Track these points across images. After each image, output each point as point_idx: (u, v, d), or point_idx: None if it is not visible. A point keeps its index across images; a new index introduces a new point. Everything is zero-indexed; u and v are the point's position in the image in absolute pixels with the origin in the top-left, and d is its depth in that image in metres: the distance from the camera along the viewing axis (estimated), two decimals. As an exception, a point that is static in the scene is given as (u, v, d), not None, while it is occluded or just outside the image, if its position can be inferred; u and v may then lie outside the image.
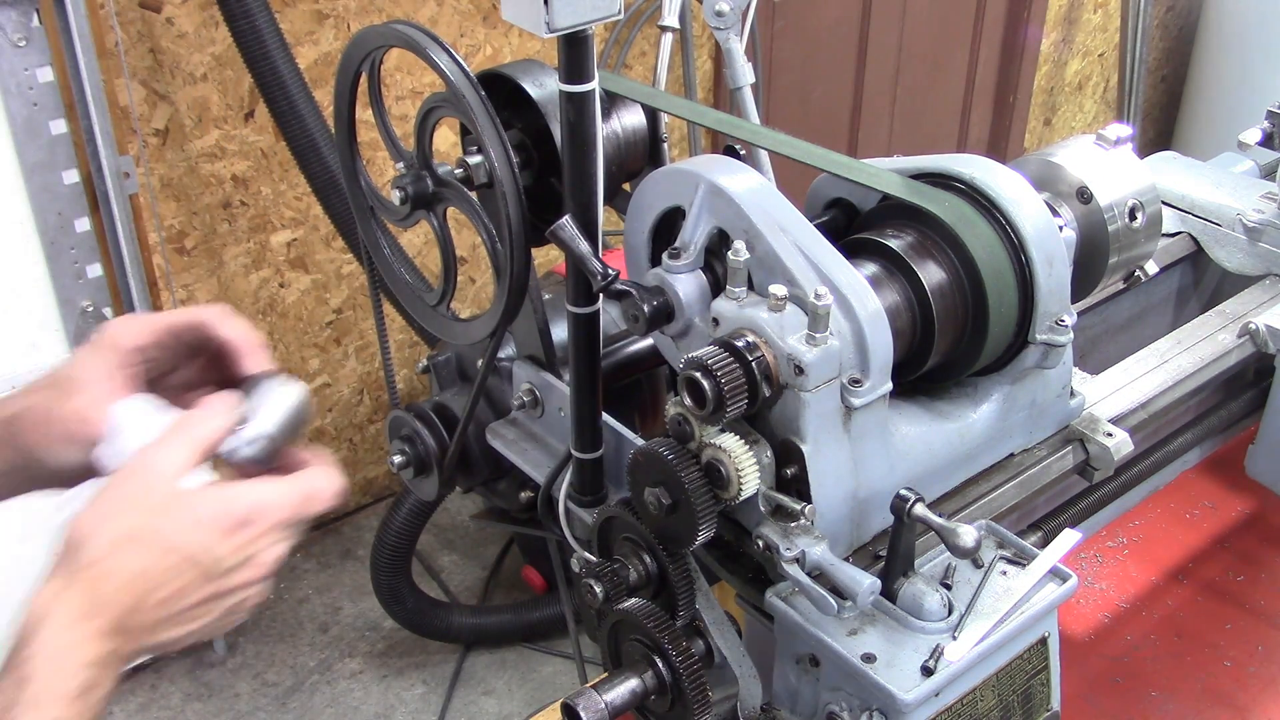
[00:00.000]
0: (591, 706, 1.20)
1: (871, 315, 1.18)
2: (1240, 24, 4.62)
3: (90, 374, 1.00)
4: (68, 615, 0.86)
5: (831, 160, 1.36)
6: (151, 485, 0.90)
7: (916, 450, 1.28)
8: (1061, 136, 4.96)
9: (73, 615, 0.86)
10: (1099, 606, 1.76)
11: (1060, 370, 1.37)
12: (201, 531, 0.89)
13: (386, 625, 3.22)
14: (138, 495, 0.90)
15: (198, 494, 0.91)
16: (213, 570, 0.90)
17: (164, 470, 0.91)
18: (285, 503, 0.94)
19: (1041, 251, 1.29)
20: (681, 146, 3.76)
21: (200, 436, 0.94)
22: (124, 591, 0.87)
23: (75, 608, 0.86)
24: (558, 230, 1.26)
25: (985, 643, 1.12)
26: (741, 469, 1.16)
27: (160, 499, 0.89)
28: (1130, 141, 1.48)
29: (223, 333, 1.04)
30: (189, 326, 1.04)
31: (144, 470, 0.91)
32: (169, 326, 1.04)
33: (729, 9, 2.27)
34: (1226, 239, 1.77)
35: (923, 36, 4.22)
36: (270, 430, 0.98)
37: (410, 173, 1.49)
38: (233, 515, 0.90)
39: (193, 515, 0.89)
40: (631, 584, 1.28)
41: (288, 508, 0.94)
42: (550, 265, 3.25)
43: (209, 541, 0.89)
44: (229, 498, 0.91)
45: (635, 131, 1.50)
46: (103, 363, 1.01)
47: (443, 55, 1.36)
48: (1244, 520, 1.90)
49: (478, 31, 3.26)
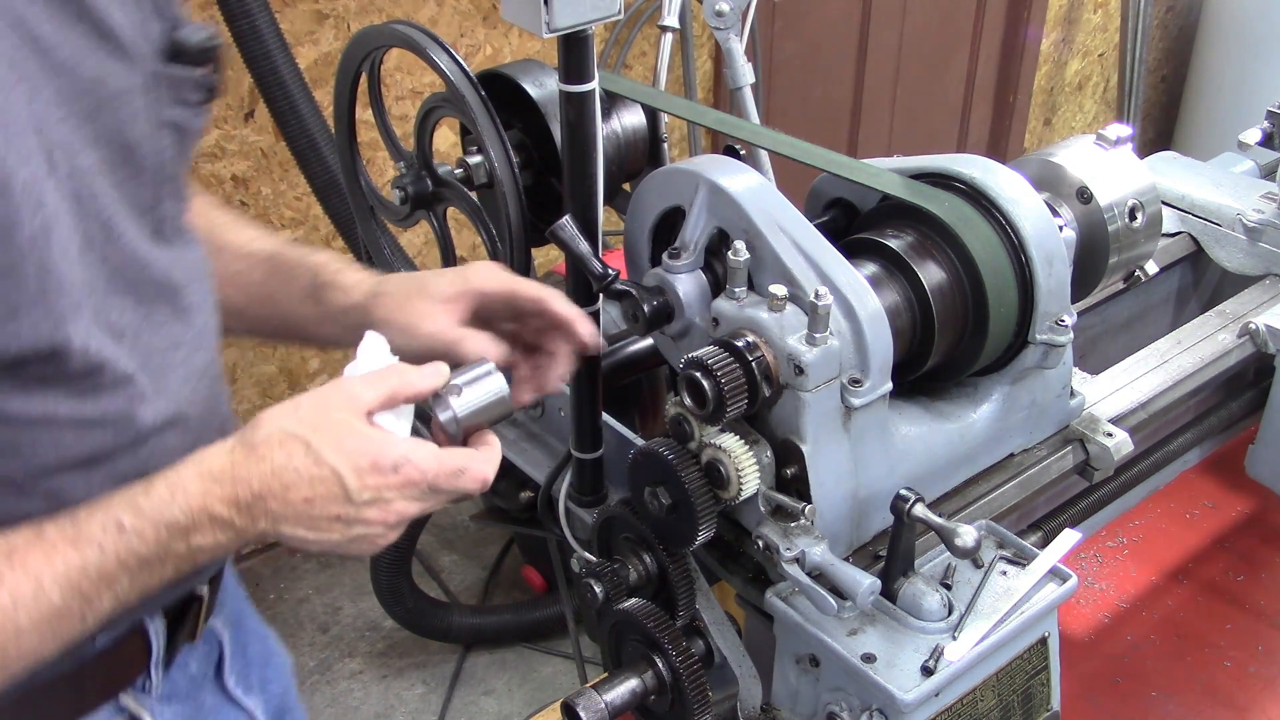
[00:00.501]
0: (591, 706, 1.20)
1: (871, 315, 1.18)
2: (1240, 24, 4.61)
3: (445, 292, 1.18)
4: (208, 471, 0.98)
5: (831, 160, 1.36)
6: (333, 404, 1.01)
7: (916, 450, 1.28)
8: (1061, 136, 4.96)
9: (212, 473, 0.97)
10: (1099, 606, 1.76)
11: (1060, 370, 1.37)
12: (351, 458, 0.98)
13: (386, 625, 3.22)
14: (318, 407, 1.00)
15: (365, 428, 1.00)
16: (348, 495, 0.98)
17: (350, 397, 1.01)
18: (431, 466, 1.01)
19: (1041, 251, 1.29)
20: (681, 146, 3.75)
21: (397, 385, 1.03)
22: (266, 478, 0.97)
23: (217, 468, 0.98)
24: (558, 230, 1.26)
25: (985, 643, 1.12)
26: (741, 469, 1.16)
27: (334, 418, 1.00)
28: (1130, 141, 1.48)
29: (557, 309, 1.19)
30: (534, 299, 1.19)
31: (336, 391, 1.02)
32: (519, 290, 1.18)
33: (729, 9, 2.27)
34: (1226, 239, 1.77)
35: (923, 36, 4.22)
36: (459, 412, 1.06)
37: (410, 173, 1.49)
38: (382, 457, 0.99)
39: (351, 442, 0.99)
40: (631, 584, 1.28)
41: (431, 472, 1.01)
42: (550, 265, 3.25)
43: (354, 468, 0.98)
44: (385, 441, 1.00)
45: (635, 131, 1.50)
46: (456, 290, 1.18)
47: (443, 55, 1.36)
48: (1244, 520, 1.90)
49: (478, 31, 3.26)
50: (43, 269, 0.90)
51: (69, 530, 0.94)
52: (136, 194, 1.02)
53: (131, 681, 1.17)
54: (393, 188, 1.50)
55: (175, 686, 1.23)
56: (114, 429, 1.01)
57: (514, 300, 1.20)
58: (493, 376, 1.09)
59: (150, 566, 0.97)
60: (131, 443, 1.03)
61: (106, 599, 0.96)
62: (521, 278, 1.19)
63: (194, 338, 1.10)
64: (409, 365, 1.07)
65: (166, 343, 1.06)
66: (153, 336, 1.04)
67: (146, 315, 1.03)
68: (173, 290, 1.07)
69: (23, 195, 0.87)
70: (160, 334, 1.05)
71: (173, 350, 1.07)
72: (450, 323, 1.18)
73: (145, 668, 1.17)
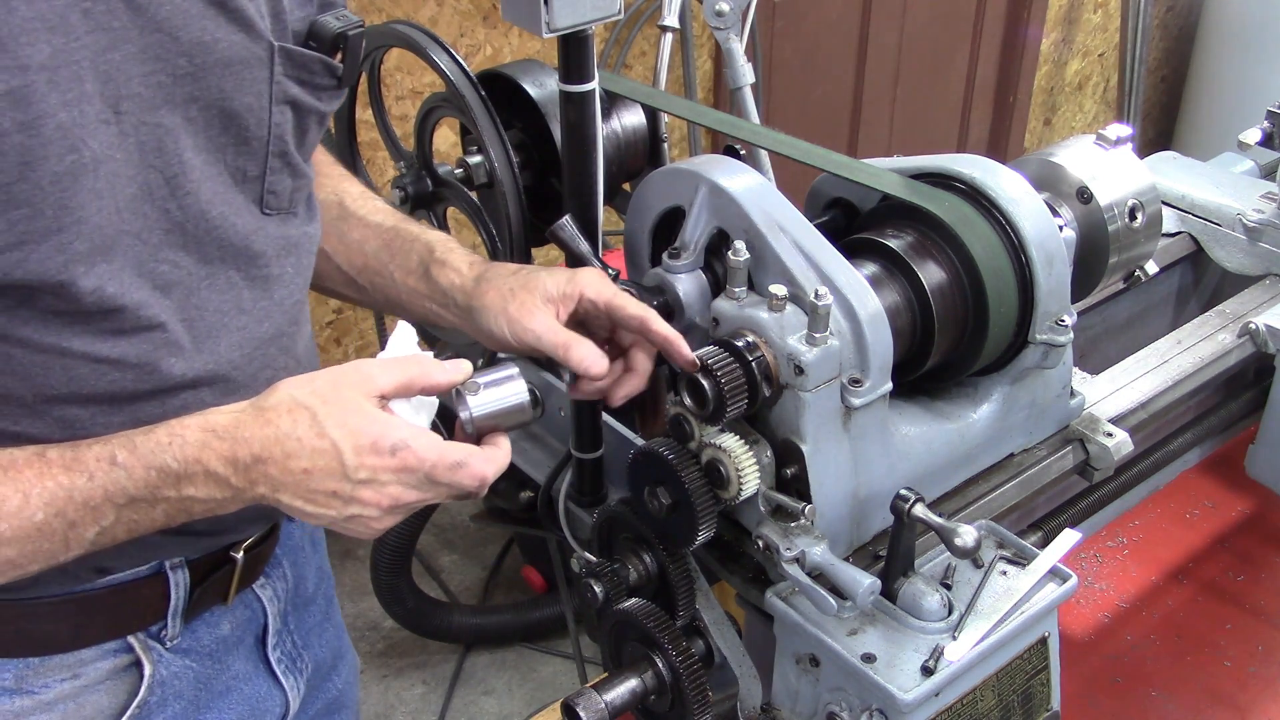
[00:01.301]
0: (591, 706, 1.20)
1: (871, 315, 1.18)
2: (1240, 24, 4.61)
3: (552, 292, 1.19)
4: (211, 425, 1.00)
5: (831, 160, 1.36)
6: (346, 382, 1.02)
7: (916, 450, 1.28)
8: (1061, 136, 4.96)
9: (215, 428, 1.00)
10: (1099, 606, 1.76)
11: (1060, 370, 1.37)
12: (353, 435, 1.00)
13: (386, 625, 3.22)
14: (332, 382, 1.02)
15: (372, 408, 1.02)
16: (345, 472, 1.00)
17: (365, 377, 1.03)
18: (429, 456, 1.02)
19: (1041, 251, 1.29)
20: (681, 146, 3.75)
21: (414, 374, 1.05)
22: (268, 442, 0.99)
23: (221, 424, 1.00)
24: (558, 230, 1.26)
25: (985, 643, 1.12)
26: (741, 469, 1.16)
27: (344, 394, 1.01)
28: (1130, 141, 1.48)
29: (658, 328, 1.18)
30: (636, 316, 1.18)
31: (353, 369, 1.04)
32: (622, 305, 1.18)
33: (729, 9, 2.27)
34: (1226, 239, 1.77)
35: (923, 36, 4.22)
36: (475, 413, 1.07)
37: (410, 173, 1.49)
38: (382, 438, 1.00)
39: (355, 419, 1.00)
40: (631, 584, 1.27)
41: (429, 461, 1.02)
42: (550, 265, 3.25)
43: (354, 446, 0.99)
44: (389, 424, 1.01)
45: (635, 131, 1.50)
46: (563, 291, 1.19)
47: (443, 55, 1.36)
48: (1244, 520, 1.90)
49: (478, 31, 3.26)
50: (62, 207, 0.92)
51: (68, 455, 0.97)
52: (238, 161, 1.06)
53: (146, 625, 1.19)
54: (393, 188, 1.50)
55: (198, 641, 1.24)
56: (134, 373, 1.03)
57: (615, 312, 1.19)
58: (515, 381, 1.09)
59: (137, 505, 0.99)
60: (155, 390, 1.05)
61: (90, 528, 0.98)
62: (623, 292, 1.20)
63: (266, 307, 1.13)
64: (430, 358, 1.08)
65: (228, 305, 1.09)
66: (210, 295, 1.07)
67: (209, 275, 1.06)
68: (250, 257, 1.09)
69: (54, 134, 0.90)
70: (222, 295, 1.08)
71: (234, 313, 1.09)
72: (555, 323, 1.18)
73: (164, 615, 1.19)
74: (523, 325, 1.17)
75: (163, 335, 1.04)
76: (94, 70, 0.92)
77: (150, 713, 1.21)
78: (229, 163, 1.06)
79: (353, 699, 1.54)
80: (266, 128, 1.06)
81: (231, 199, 1.07)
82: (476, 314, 1.21)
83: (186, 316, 1.05)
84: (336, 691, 1.48)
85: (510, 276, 1.23)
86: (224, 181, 1.05)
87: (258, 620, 1.32)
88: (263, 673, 1.33)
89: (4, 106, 0.87)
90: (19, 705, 1.13)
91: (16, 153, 0.89)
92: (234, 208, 1.07)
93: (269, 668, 1.34)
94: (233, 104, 1.03)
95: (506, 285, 1.21)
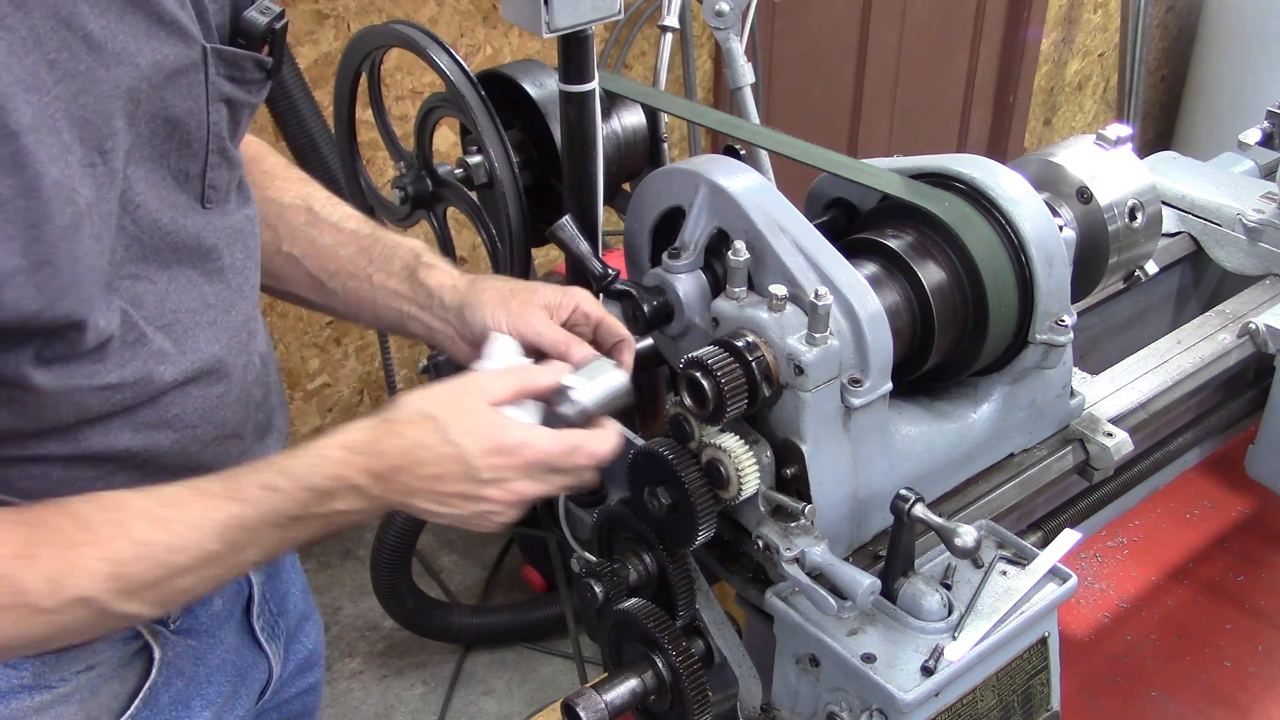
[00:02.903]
0: (591, 706, 1.20)
1: (871, 315, 1.18)
2: (1240, 24, 4.61)
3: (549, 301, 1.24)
4: (351, 442, 1.08)
5: (831, 160, 1.36)
6: (466, 392, 1.10)
7: (916, 450, 1.28)
8: (1061, 136, 4.96)
9: (353, 445, 1.08)
10: (1099, 606, 1.76)
11: (1060, 370, 1.37)
12: (475, 440, 1.07)
13: (386, 625, 3.22)
14: (452, 394, 1.10)
15: (491, 413, 1.09)
16: (471, 474, 1.08)
17: (481, 388, 1.11)
18: (549, 448, 1.09)
19: (1041, 251, 1.29)
20: (681, 146, 3.75)
21: (523, 381, 1.13)
22: (400, 453, 1.07)
23: (358, 441, 1.08)
24: (558, 230, 1.26)
25: (985, 643, 1.12)
26: (741, 469, 1.16)
27: (464, 404, 1.09)
28: (1130, 141, 1.48)
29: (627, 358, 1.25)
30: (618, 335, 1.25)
31: (470, 382, 1.12)
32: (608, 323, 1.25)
33: (729, 9, 2.27)
34: (1226, 239, 1.77)
35: (923, 36, 4.22)
36: (584, 403, 1.14)
37: (410, 173, 1.49)
38: (502, 440, 1.08)
39: (476, 426, 1.08)
40: (631, 584, 1.27)
41: (549, 452, 1.09)
42: (550, 265, 3.25)
43: (477, 450, 1.07)
44: (507, 425, 1.09)
45: (635, 131, 1.50)
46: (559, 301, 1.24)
47: (443, 55, 1.36)
48: (1244, 520, 1.90)
49: (478, 31, 3.26)
50: (73, 259, 0.95)
51: (227, 486, 1.06)
52: (180, 164, 1.08)
53: None
54: (393, 188, 1.50)
55: (196, 621, 1.29)
56: (133, 389, 1.07)
57: (602, 329, 1.26)
58: (613, 369, 1.16)
59: (295, 524, 1.07)
60: (151, 398, 1.09)
61: (253, 550, 1.07)
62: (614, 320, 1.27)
63: (228, 296, 1.16)
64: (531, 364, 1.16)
65: (195, 303, 1.12)
66: (178, 298, 1.10)
67: (171, 279, 1.09)
68: (203, 253, 1.12)
69: (53, 191, 0.92)
70: (187, 295, 1.11)
71: (202, 309, 1.13)
72: (555, 326, 1.23)
73: None
74: (524, 319, 1.22)
75: (149, 348, 1.07)
76: (68, 119, 0.93)
77: (158, 693, 1.25)
78: (172, 166, 1.07)
79: (320, 656, 1.61)
80: (205, 128, 1.08)
81: (176, 200, 1.09)
82: (470, 310, 1.25)
83: (164, 324, 1.08)
84: (307, 651, 1.54)
85: (505, 280, 1.28)
86: (168, 185, 1.07)
87: (244, 593, 1.37)
88: (249, 642, 1.39)
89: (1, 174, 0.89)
90: (38, 700, 1.16)
91: (23, 217, 0.91)
92: (180, 209, 1.09)
93: (254, 637, 1.39)
94: (174, 111, 1.05)
95: (505, 285, 1.26)
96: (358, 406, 3.59)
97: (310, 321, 3.35)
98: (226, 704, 1.35)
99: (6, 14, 0.89)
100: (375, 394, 3.58)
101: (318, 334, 3.38)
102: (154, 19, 1.00)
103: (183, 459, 1.15)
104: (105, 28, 0.95)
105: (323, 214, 1.35)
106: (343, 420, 3.55)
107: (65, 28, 0.92)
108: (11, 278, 0.91)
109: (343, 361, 3.48)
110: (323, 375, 3.46)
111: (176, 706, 1.28)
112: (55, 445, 1.06)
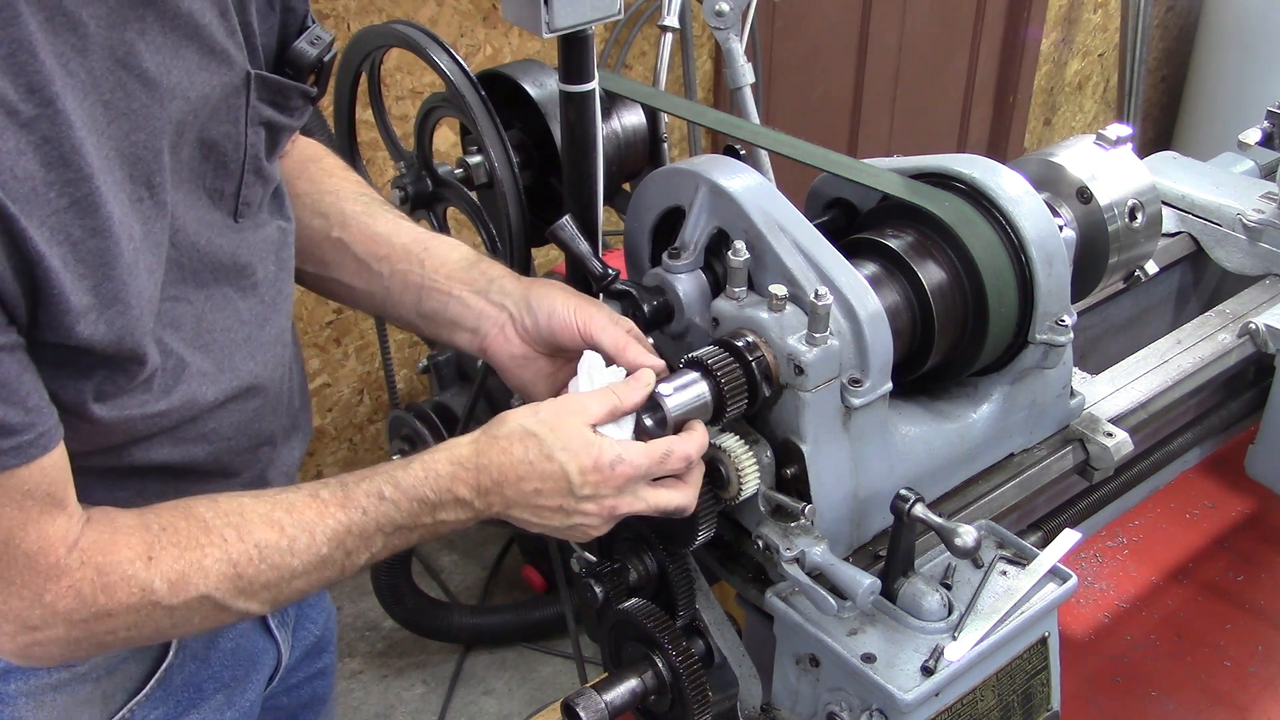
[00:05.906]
0: (591, 706, 1.20)
1: (871, 315, 1.18)
2: (1240, 24, 4.61)
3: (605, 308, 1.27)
4: (457, 457, 1.13)
5: (831, 160, 1.36)
6: (566, 412, 1.14)
7: (916, 450, 1.28)
8: (1061, 136, 4.96)
9: (459, 460, 1.13)
10: (1099, 606, 1.76)
11: (1060, 370, 1.37)
12: (574, 458, 1.11)
13: (386, 625, 3.22)
14: (554, 413, 1.14)
15: (589, 432, 1.13)
16: (569, 489, 1.12)
17: (580, 407, 1.15)
18: (643, 461, 1.13)
19: (1041, 251, 1.29)
20: (681, 146, 3.75)
21: (617, 401, 1.16)
22: (504, 468, 1.12)
23: (464, 456, 1.13)
24: (558, 230, 1.26)
25: (985, 643, 1.12)
26: (741, 469, 1.16)
27: (564, 425, 1.13)
28: (1130, 141, 1.48)
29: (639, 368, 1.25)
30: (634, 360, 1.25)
31: (569, 402, 1.16)
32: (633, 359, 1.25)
33: (729, 9, 2.27)
34: (1226, 239, 1.77)
35: (923, 36, 4.22)
36: (674, 412, 1.16)
37: (410, 173, 1.49)
38: (599, 459, 1.12)
39: (575, 444, 1.12)
40: (631, 584, 1.28)
41: (643, 465, 1.13)
42: (550, 265, 3.25)
43: (575, 467, 1.11)
44: (604, 444, 1.13)
45: (635, 131, 1.50)
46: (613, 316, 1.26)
47: (443, 55, 1.37)
48: (1244, 520, 1.90)
49: (478, 31, 3.25)
50: (139, 295, 0.99)
51: (340, 494, 1.11)
52: (216, 183, 1.10)
53: None
54: (393, 187, 1.50)
55: None
56: (179, 412, 1.10)
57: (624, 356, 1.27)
58: (698, 381, 1.16)
59: (402, 532, 1.13)
60: (194, 418, 1.13)
61: (362, 555, 1.12)
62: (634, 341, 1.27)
63: (261, 311, 1.18)
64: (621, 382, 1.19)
65: (230, 320, 1.14)
66: (214, 317, 1.13)
67: (208, 298, 1.12)
68: (237, 270, 1.15)
69: (120, 231, 0.95)
70: (223, 314, 1.14)
71: (237, 326, 1.15)
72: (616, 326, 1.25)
73: None
74: (590, 315, 1.25)
75: (191, 370, 1.10)
76: (120, 157, 0.96)
77: (172, 674, 1.28)
78: (207, 186, 1.10)
79: (330, 642, 1.64)
80: (243, 150, 1.11)
81: (211, 219, 1.11)
82: (537, 298, 1.27)
83: (201, 344, 1.11)
84: (315, 636, 1.57)
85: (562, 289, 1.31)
86: (203, 205, 1.09)
87: None
88: (258, 627, 1.41)
89: (74, 217, 0.92)
90: (56, 678, 1.19)
91: (95, 257, 0.94)
92: (215, 228, 1.11)
93: (264, 621, 1.42)
94: (211, 134, 1.07)
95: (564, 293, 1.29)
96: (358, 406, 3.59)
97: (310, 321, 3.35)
98: (238, 687, 1.38)
99: (69, 59, 0.91)
100: (375, 394, 3.58)
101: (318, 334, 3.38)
102: (206, 51, 1.02)
103: (215, 467, 1.19)
104: (160, 64, 0.98)
105: (381, 206, 1.37)
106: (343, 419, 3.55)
107: (122, 68, 0.95)
108: (85, 315, 0.94)
109: (343, 361, 3.48)
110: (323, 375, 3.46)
111: (189, 688, 1.31)
112: (99, 460, 1.09)
